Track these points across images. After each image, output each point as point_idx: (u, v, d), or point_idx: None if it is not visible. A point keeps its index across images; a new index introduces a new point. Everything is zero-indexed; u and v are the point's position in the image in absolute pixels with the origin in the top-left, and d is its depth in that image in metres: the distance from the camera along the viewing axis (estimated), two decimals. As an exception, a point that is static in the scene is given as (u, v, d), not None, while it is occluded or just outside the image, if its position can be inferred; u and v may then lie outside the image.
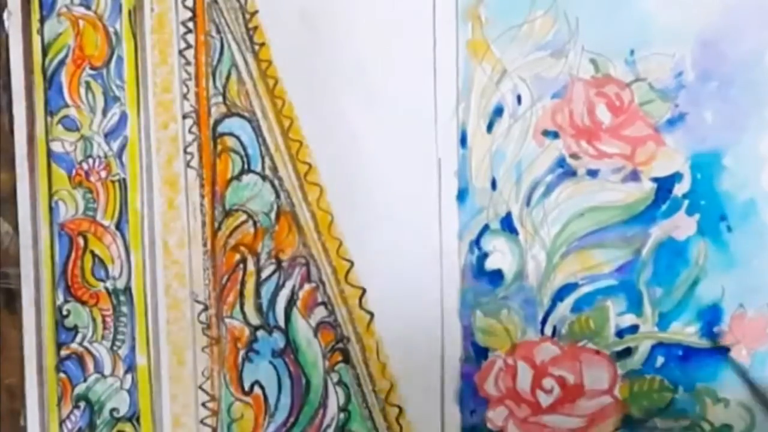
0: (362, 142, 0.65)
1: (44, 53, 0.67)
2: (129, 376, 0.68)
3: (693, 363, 0.63)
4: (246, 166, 0.66)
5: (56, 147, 0.67)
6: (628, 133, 0.63)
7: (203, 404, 0.68)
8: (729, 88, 0.62)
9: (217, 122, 0.66)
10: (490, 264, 0.65)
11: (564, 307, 0.64)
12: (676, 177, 0.63)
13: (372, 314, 0.66)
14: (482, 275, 0.65)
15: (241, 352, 0.67)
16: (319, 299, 0.66)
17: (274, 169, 0.66)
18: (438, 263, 0.65)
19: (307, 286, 0.66)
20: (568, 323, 0.64)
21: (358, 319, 0.66)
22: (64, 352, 0.68)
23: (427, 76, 0.64)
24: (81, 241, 0.68)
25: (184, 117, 0.66)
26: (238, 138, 0.66)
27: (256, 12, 0.65)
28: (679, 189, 0.63)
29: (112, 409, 0.68)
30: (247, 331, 0.67)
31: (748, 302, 0.62)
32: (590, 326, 0.64)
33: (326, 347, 0.67)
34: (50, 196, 0.67)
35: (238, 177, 0.66)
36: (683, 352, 0.63)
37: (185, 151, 0.66)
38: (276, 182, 0.66)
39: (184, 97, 0.66)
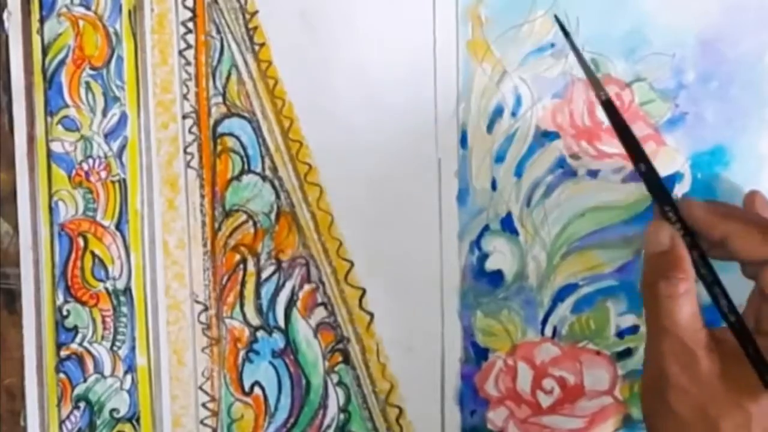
0: (362, 142, 0.65)
1: (44, 53, 0.67)
2: (129, 377, 0.68)
3: (693, 363, 0.63)
4: (246, 167, 0.66)
5: (56, 147, 0.67)
6: (628, 133, 0.63)
7: (203, 405, 0.68)
8: (729, 88, 0.62)
9: (217, 122, 0.66)
10: (491, 265, 0.65)
11: (564, 307, 0.64)
12: (676, 177, 0.63)
13: (372, 315, 0.66)
14: (482, 276, 0.65)
15: (241, 353, 0.67)
16: (319, 300, 0.66)
17: (274, 169, 0.66)
18: (438, 264, 0.65)
19: (306, 287, 0.66)
20: (569, 324, 0.64)
21: (358, 319, 0.66)
22: (64, 353, 0.68)
23: (427, 76, 0.64)
24: (81, 241, 0.68)
25: (184, 117, 0.66)
26: (238, 138, 0.66)
27: (256, 12, 0.65)
28: (680, 189, 0.63)
29: (112, 410, 0.68)
30: (247, 332, 0.67)
31: (749, 302, 0.62)
32: (591, 327, 0.64)
33: (326, 348, 0.67)
34: (50, 196, 0.67)
35: (238, 177, 0.66)
36: (684, 353, 0.63)
37: (185, 152, 0.66)
38: (276, 183, 0.66)
39: (184, 97, 0.66)
